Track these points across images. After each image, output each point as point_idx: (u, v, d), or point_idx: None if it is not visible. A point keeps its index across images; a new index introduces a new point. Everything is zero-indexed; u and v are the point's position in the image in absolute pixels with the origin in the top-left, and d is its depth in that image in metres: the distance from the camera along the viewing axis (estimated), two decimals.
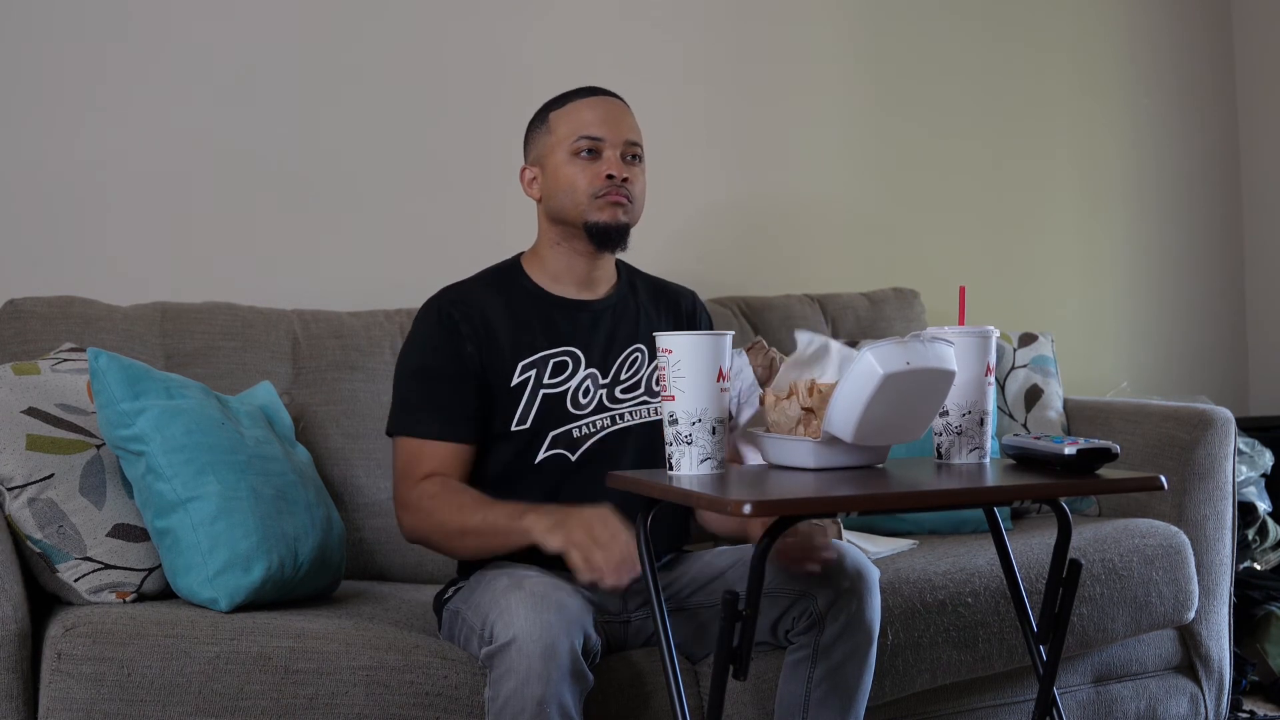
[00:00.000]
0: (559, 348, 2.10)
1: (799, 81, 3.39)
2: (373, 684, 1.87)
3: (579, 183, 2.08)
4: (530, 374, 2.07)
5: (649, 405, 2.13)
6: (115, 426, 2.02)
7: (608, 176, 2.07)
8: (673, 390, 1.77)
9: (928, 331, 1.80)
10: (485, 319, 2.08)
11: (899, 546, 2.51)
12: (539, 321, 2.11)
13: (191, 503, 1.99)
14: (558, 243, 2.13)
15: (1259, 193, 3.97)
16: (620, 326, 2.16)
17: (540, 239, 2.17)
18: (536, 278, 2.15)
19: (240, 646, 1.85)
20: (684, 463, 1.78)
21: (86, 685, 1.79)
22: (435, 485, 2.02)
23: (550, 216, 2.13)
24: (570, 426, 2.08)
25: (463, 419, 2.05)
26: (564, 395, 2.08)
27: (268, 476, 2.09)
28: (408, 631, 1.99)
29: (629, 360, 2.14)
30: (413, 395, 2.07)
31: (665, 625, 1.77)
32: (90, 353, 2.05)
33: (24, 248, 2.63)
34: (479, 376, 2.06)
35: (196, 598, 1.99)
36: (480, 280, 2.16)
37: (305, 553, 2.08)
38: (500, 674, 1.76)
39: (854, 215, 3.45)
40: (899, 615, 2.26)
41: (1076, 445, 1.73)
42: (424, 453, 2.04)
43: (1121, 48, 3.83)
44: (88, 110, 2.69)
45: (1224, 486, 2.76)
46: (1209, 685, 2.73)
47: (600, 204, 2.07)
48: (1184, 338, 3.91)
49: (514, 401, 2.06)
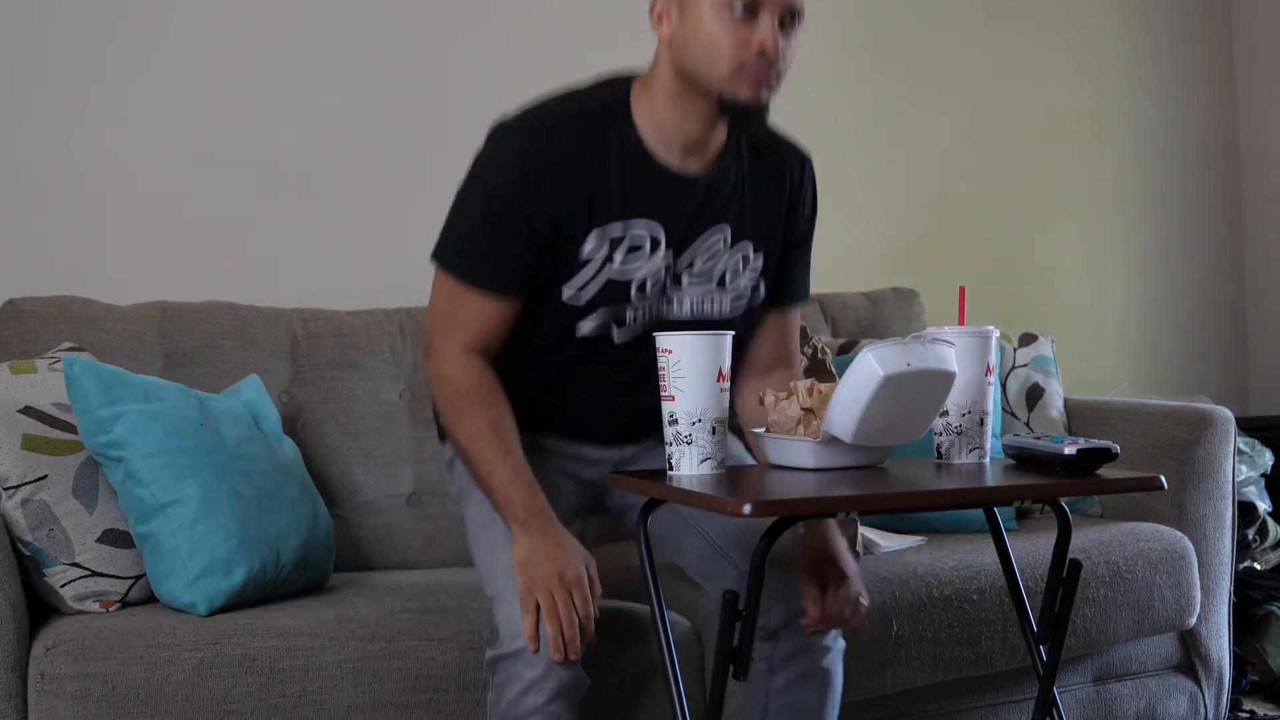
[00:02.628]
0: (641, 220, 1.85)
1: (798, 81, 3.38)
2: (360, 675, 1.88)
3: (723, 45, 1.75)
4: (603, 250, 1.84)
5: (713, 298, 1.92)
6: (93, 434, 2.02)
7: (759, 52, 1.75)
8: (672, 390, 1.77)
9: (928, 332, 1.80)
10: (570, 176, 1.81)
11: (908, 542, 2.52)
12: (629, 187, 1.84)
13: (171, 507, 1.99)
14: (678, 96, 1.82)
15: (1259, 193, 3.96)
16: (711, 202, 1.88)
17: (657, 79, 1.84)
18: (642, 126, 1.84)
19: (224, 650, 1.85)
20: (684, 463, 1.78)
21: (72, 703, 1.79)
22: (468, 382, 1.83)
23: (678, 68, 1.81)
24: (625, 307, 1.88)
25: (515, 275, 1.82)
26: (629, 283, 1.87)
27: (249, 476, 2.09)
28: (391, 617, 1.99)
29: (709, 246, 1.90)
30: (469, 231, 1.85)
31: (665, 626, 1.77)
32: (65, 361, 2.04)
33: (24, 248, 2.63)
34: (546, 238, 1.82)
35: (177, 602, 1.99)
36: (578, 120, 1.84)
37: (289, 552, 2.08)
38: (504, 680, 1.75)
39: (853, 215, 3.44)
40: (905, 608, 2.26)
41: (1076, 445, 1.73)
42: (466, 303, 1.84)
43: (1122, 48, 3.83)
44: (87, 110, 2.68)
45: (1224, 486, 2.76)
46: (1209, 685, 2.73)
47: (745, 79, 1.76)
48: (1184, 338, 3.91)
49: (574, 271, 1.84)
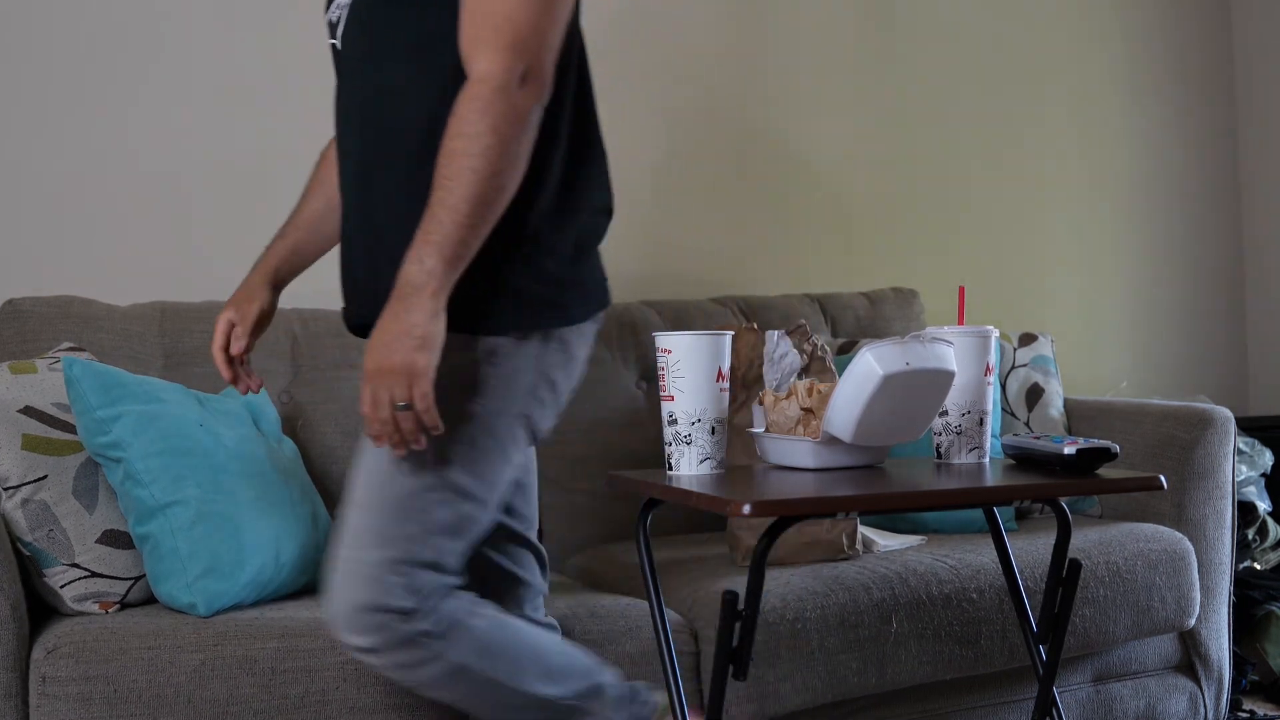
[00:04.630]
0: None
1: (799, 81, 3.39)
2: (362, 676, 1.88)
3: None
4: None
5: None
6: (93, 434, 2.02)
7: None
8: (672, 390, 1.77)
9: (927, 331, 1.80)
10: None
11: (909, 542, 2.53)
12: None
13: (170, 508, 1.99)
14: None
15: (1258, 192, 3.96)
16: None
17: None
18: None
19: (225, 652, 1.85)
20: (683, 463, 1.78)
21: (74, 706, 1.79)
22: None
23: None
24: (329, 14, 1.82)
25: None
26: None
27: (248, 478, 2.09)
28: None
29: None
30: None
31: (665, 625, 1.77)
32: (65, 361, 2.04)
33: (24, 248, 2.63)
34: None
35: (177, 603, 1.99)
36: None
37: (288, 552, 2.08)
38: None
39: (854, 215, 3.45)
40: (905, 605, 2.27)
41: (1076, 445, 1.73)
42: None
43: (1121, 49, 3.83)
44: (87, 110, 2.68)
45: (1224, 486, 2.76)
46: (1208, 685, 2.73)
47: None
48: (1184, 338, 3.91)
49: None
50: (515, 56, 1.57)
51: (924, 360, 1.71)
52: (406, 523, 1.64)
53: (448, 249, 1.56)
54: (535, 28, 1.59)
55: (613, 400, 2.74)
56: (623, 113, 3.15)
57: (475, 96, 1.57)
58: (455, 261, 1.57)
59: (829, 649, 2.19)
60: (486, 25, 1.59)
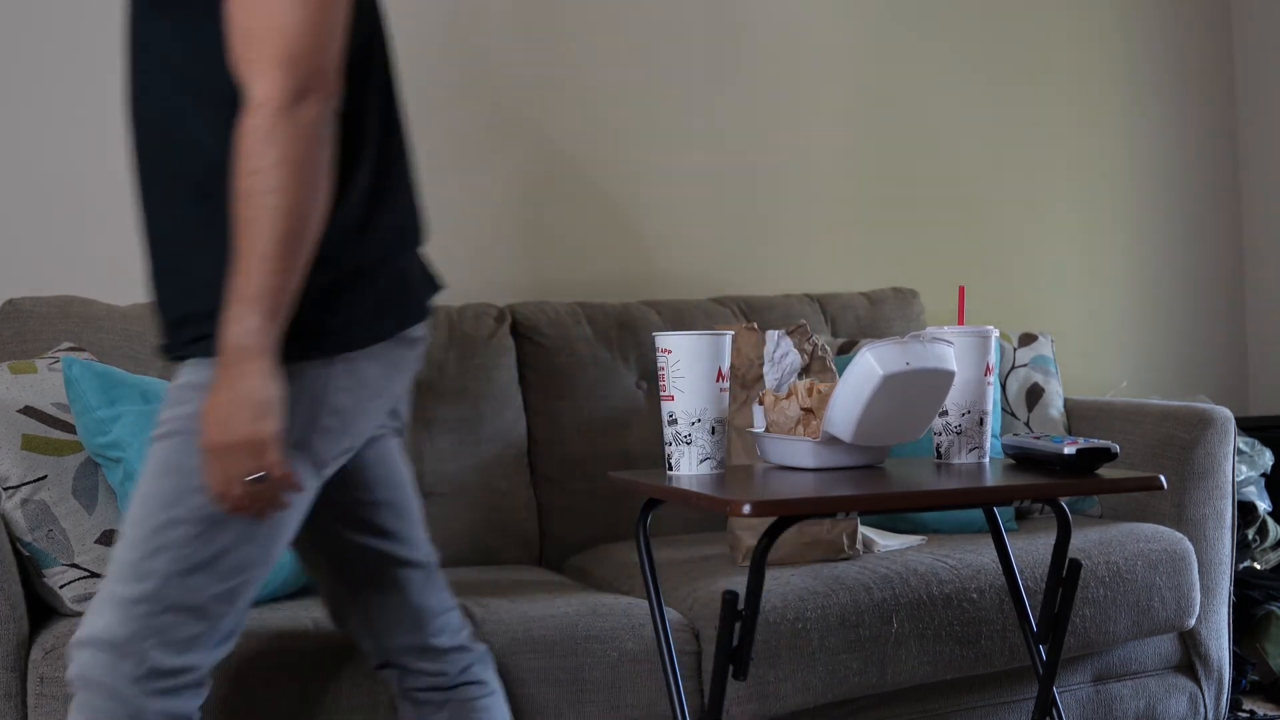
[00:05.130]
0: None
1: (799, 82, 3.39)
2: (360, 675, 1.88)
3: None
4: None
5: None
6: (92, 435, 2.02)
7: None
8: (672, 390, 1.77)
9: (927, 331, 1.80)
10: None
11: (909, 542, 2.53)
12: None
13: None
14: None
15: (1258, 193, 3.96)
16: None
17: None
18: None
19: None
20: (683, 463, 1.78)
21: None
22: None
23: None
24: None
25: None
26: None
27: None
28: None
29: None
30: None
31: (665, 625, 1.77)
32: (64, 361, 2.04)
33: (24, 248, 2.63)
34: None
35: None
36: None
37: (286, 553, 2.07)
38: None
39: (854, 215, 3.44)
40: (906, 605, 2.27)
41: (1076, 445, 1.73)
42: None
43: (1121, 49, 3.83)
44: (87, 110, 2.68)
45: (1224, 486, 2.76)
46: (1208, 685, 2.73)
47: None
48: (1184, 338, 3.91)
49: None
50: (290, 72, 1.43)
51: (924, 360, 1.71)
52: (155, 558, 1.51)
53: (266, 301, 1.43)
54: (307, 32, 1.45)
55: (613, 400, 2.74)
56: (618, 112, 3.16)
57: (256, 126, 1.43)
58: (276, 312, 1.44)
59: (829, 649, 2.19)
60: (253, 43, 1.45)
